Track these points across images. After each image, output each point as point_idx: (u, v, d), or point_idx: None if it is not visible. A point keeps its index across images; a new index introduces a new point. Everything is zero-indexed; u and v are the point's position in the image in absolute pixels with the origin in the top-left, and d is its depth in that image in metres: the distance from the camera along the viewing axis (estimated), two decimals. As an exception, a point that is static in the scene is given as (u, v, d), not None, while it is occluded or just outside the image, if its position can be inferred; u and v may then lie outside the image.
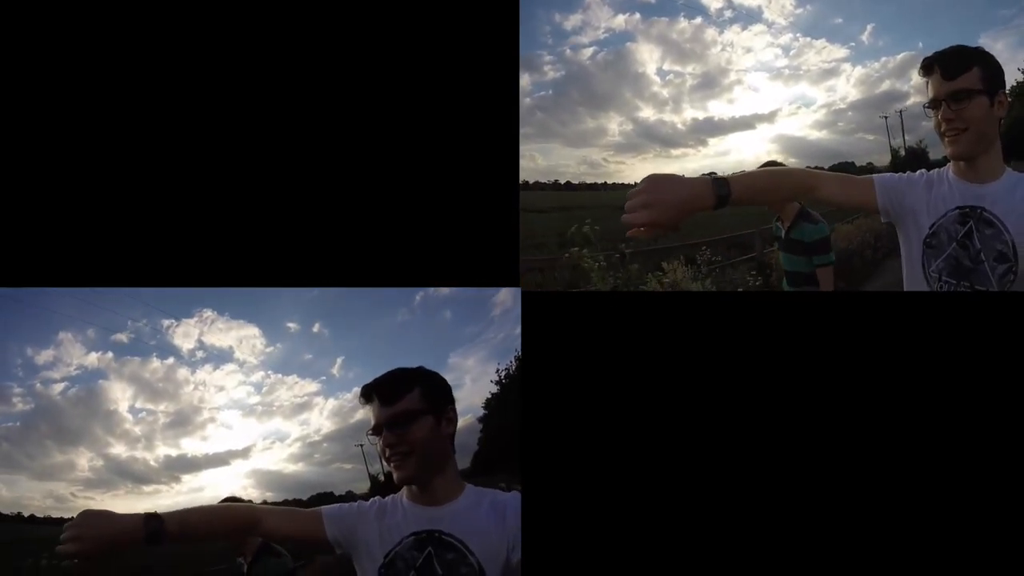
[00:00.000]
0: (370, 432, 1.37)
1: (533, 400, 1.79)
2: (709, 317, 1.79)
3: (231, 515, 1.40)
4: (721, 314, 1.80)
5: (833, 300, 1.85)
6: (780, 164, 3.18)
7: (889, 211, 1.64)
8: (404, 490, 1.40)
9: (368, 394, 1.37)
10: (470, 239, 1.81)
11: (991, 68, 1.56)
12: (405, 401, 1.35)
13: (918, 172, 1.65)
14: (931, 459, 1.74)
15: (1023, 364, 1.75)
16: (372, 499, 1.42)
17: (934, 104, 1.58)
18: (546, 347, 1.80)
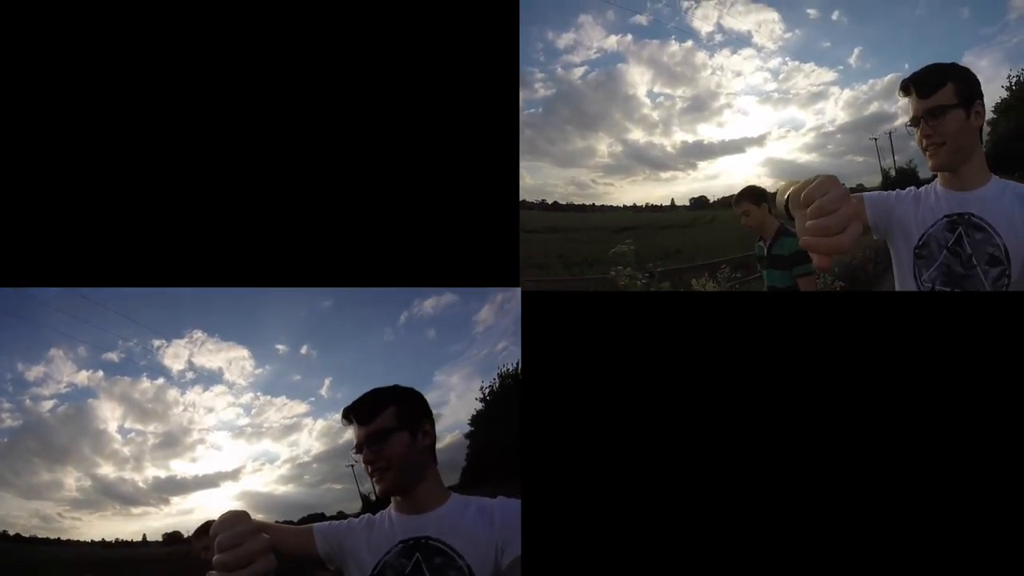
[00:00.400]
0: (353, 451, 1.43)
1: (533, 400, 1.79)
2: (709, 317, 1.80)
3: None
4: (721, 314, 1.80)
5: (831, 300, 1.86)
6: (762, 189, 3.28)
7: (879, 226, 1.69)
8: (392, 503, 1.44)
9: (348, 416, 1.43)
10: (470, 239, 1.82)
11: (965, 81, 1.62)
12: (380, 420, 1.40)
13: (907, 189, 1.71)
14: (925, 461, 1.73)
15: (1018, 365, 1.75)
16: (363, 516, 1.45)
17: (914, 122, 1.64)
18: (546, 347, 1.80)
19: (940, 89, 1.60)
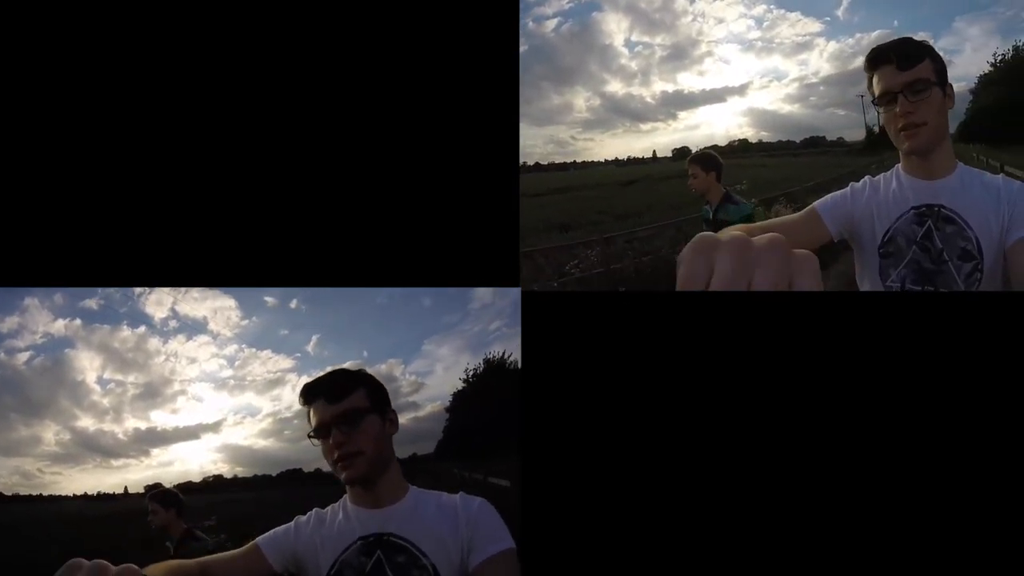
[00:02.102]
0: (312, 434, 1.29)
1: (533, 400, 1.77)
2: (709, 316, 1.76)
3: (185, 572, 1.28)
4: (722, 313, 1.77)
5: (828, 300, 1.85)
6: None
7: (842, 232, 1.57)
8: (348, 495, 1.34)
9: (311, 393, 1.29)
10: (470, 238, 1.78)
11: (939, 61, 1.50)
12: (352, 399, 1.28)
13: (861, 181, 1.59)
14: (916, 461, 1.72)
15: (1002, 365, 1.71)
16: (309, 512, 1.35)
17: (886, 99, 1.50)
18: (546, 347, 1.77)
19: (920, 63, 1.46)
